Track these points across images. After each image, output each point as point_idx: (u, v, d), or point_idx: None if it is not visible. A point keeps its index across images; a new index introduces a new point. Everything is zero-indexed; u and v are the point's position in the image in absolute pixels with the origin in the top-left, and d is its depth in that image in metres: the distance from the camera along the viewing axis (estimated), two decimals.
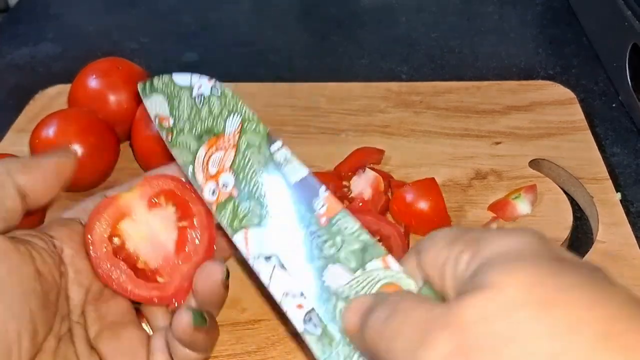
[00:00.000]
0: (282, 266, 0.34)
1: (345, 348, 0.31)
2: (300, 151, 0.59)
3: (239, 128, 0.39)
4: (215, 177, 0.39)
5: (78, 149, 0.53)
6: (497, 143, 0.60)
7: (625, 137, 0.63)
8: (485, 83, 0.68)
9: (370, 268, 0.31)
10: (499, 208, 0.52)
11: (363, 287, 0.31)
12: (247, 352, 0.44)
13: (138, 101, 0.57)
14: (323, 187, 0.35)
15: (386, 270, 0.31)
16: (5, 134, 0.63)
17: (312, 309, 0.32)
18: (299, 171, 0.36)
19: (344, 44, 0.80)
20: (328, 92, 0.67)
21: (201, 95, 0.42)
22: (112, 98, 0.58)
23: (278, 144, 0.37)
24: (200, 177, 0.39)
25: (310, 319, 0.32)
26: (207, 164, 0.40)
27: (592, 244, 0.50)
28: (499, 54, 0.76)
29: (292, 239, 0.34)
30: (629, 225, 0.51)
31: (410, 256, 0.31)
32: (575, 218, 0.53)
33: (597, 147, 0.58)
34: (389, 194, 0.53)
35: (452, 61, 0.76)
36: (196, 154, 0.40)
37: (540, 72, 0.73)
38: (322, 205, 0.34)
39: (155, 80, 0.44)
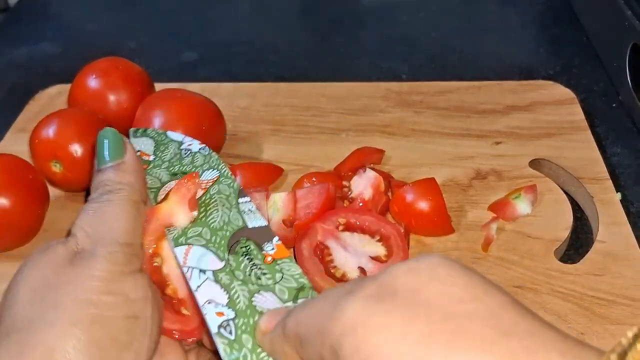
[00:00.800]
0: (215, 281, 0.35)
1: (252, 355, 0.32)
2: (300, 151, 0.60)
3: (215, 179, 0.41)
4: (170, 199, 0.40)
5: (78, 149, 0.53)
6: (498, 143, 0.59)
7: (626, 137, 0.63)
8: (486, 83, 0.68)
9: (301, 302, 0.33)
10: (499, 208, 0.52)
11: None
12: None
13: (138, 101, 0.57)
14: (276, 238, 0.36)
15: None
16: (5, 134, 0.63)
17: (232, 319, 0.33)
18: (259, 220, 0.37)
19: (344, 44, 0.80)
20: (328, 92, 0.67)
21: (188, 150, 0.44)
22: (112, 98, 0.58)
23: (246, 198, 0.39)
24: (158, 198, 0.40)
25: (227, 326, 0.33)
26: (170, 187, 0.41)
27: (592, 244, 0.50)
28: (500, 54, 0.76)
29: (233, 263, 0.36)
30: (629, 225, 0.51)
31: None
32: (575, 218, 0.53)
33: (597, 147, 0.58)
34: (389, 194, 0.53)
35: (452, 61, 0.75)
36: (165, 184, 0.42)
37: (540, 72, 0.73)
38: (272, 249, 0.36)
39: (149, 130, 0.46)
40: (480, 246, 0.50)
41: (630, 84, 0.64)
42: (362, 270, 0.45)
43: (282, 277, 0.35)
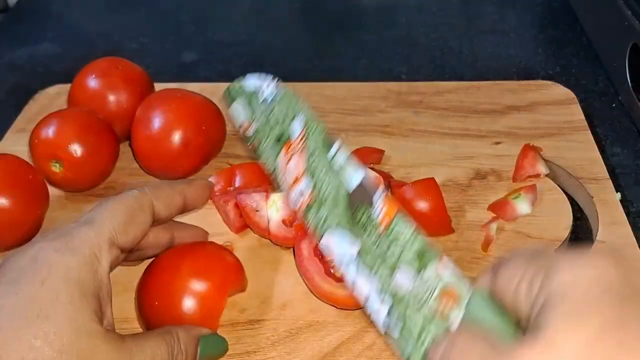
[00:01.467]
0: (362, 267, 0.36)
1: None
2: None
3: (304, 132, 0.41)
4: (295, 182, 0.42)
5: (78, 149, 0.53)
6: (497, 143, 0.60)
7: (625, 137, 0.63)
8: (485, 83, 0.68)
9: (429, 272, 0.33)
10: (499, 208, 0.52)
11: (425, 293, 0.32)
12: (247, 352, 0.44)
13: (138, 101, 0.57)
14: (378, 192, 0.36)
15: (441, 275, 0.32)
16: (5, 134, 0.63)
17: (389, 313, 0.34)
18: (356, 175, 0.38)
19: (344, 44, 0.80)
20: (328, 92, 0.67)
21: (265, 100, 0.44)
22: (112, 98, 0.58)
23: (336, 145, 0.39)
24: (284, 185, 0.42)
25: (388, 323, 0.34)
26: (286, 170, 0.42)
27: (592, 244, 0.50)
28: (499, 54, 0.76)
29: (362, 247, 0.36)
30: (629, 225, 0.51)
31: (487, 273, 0.32)
32: (575, 218, 0.53)
33: (597, 147, 0.58)
34: (389, 193, 0.53)
35: (452, 61, 0.76)
36: (276, 160, 0.43)
37: (540, 72, 0.73)
38: (381, 209, 0.36)
39: (232, 88, 0.46)
40: (480, 246, 0.50)
41: (630, 84, 0.64)
42: None
43: (403, 247, 0.34)
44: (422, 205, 0.50)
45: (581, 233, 0.53)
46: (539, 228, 0.51)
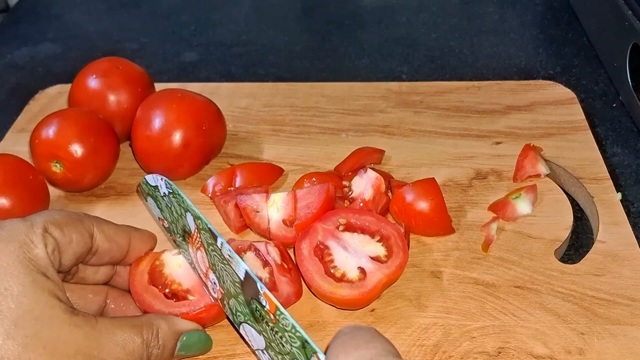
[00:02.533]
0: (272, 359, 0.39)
1: None
2: (300, 151, 0.60)
3: (196, 226, 0.42)
4: (207, 276, 0.43)
5: (78, 149, 0.53)
6: (497, 143, 0.60)
7: (626, 137, 0.63)
8: (485, 83, 0.68)
9: None
10: (499, 208, 0.52)
11: None
12: (247, 352, 0.44)
13: (138, 101, 0.57)
14: (259, 283, 0.37)
15: None
16: (5, 134, 0.63)
17: None
18: (241, 267, 0.38)
19: (344, 44, 0.80)
20: (328, 92, 0.67)
21: (165, 194, 0.45)
22: (112, 98, 0.58)
23: (219, 240, 0.40)
24: (202, 276, 0.44)
25: None
26: (198, 263, 0.44)
27: (592, 244, 0.50)
28: (499, 54, 0.76)
29: (266, 335, 0.38)
30: (629, 225, 0.51)
31: None
32: (576, 218, 0.53)
33: (597, 147, 0.58)
34: (389, 194, 0.53)
35: (452, 61, 0.76)
36: (189, 253, 0.45)
37: (540, 72, 0.73)
38: (266, 303, 0.37)
39: (142, 184, 0.47)
40: (480, 246, 0.50)
41: (630, 84, 0.64)
42: (361, 270, 0.45)
43: (289, 337, 0.36)
44: (423, 205, 0.50)
45: (581, 233, 0.53)
46: (540, 228, 0.51)
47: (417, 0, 0.88)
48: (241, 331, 0.41)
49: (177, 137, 0.54)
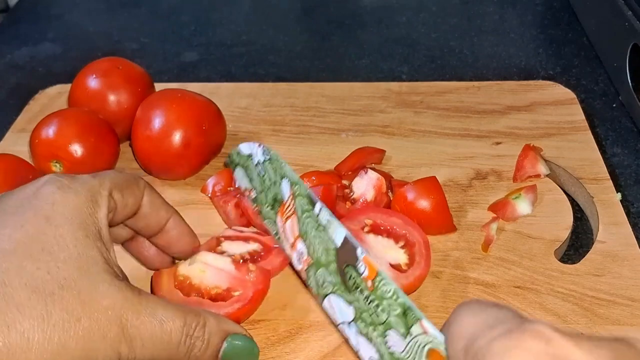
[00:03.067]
0: (360, 333, 0.37)
1: None
2: (300, 151, 0.60)
3: (291, 193, 0.42)
4: (294, 245, 0.42)
5: (78, 149, 0.53)
6: (497, 143, 0.60)
7: (626, 137, 0.63)
8: (485, 83, 0.68)
9: (414, 333, 0.33)
10: (499, 208, 0.52)
11: (415, 354, 0.32)
12: None
13: (138, 101, 0.57)
14: (359, 249, 0.37)
15: (426, 335, 0.32)
16: (5, 134, 0.63)
17: None
18: (340, 232, 0.39)
19: (344, 44, 0.80)
20: (328, 92, 0.67)
21: (259, 163, 0.45)
22: (112, 98, 0.58)
23: (318, 205, 0.40)
24: (286, 246, 0.44)
25: None
26: (286, 233, 0.43)
27: (592, 244, 0.50)
28: (499, 54, 0.76)
29: (357, 304, 0.37)
30: (629, 225, 0.51)
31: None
32: (575, 218, 0.53)
33: (597, 147, 0.58)
34: (390, 194, 0.53)
35: (452, 61, 0.76)
36: (276, 223, 0.44)
37: (540, 72, 0.73)
38: (364, 269, 0.36)
39: (233, 154, 0.48)
40: (480, 246, 0.50)
41: (630, 84, 0.64)
42: None
43: (389, 304, 0.35)
44: (424, 204, 0.50)
45: (581, 233, 0.53)
46: (539, 228, 0.51)
47: (417, 0, 0.88)
48: (325, 304, 0.39)
49: (177, 137, 0.54)
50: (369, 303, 0.36)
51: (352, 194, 0.53)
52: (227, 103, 0.64)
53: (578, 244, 0.52)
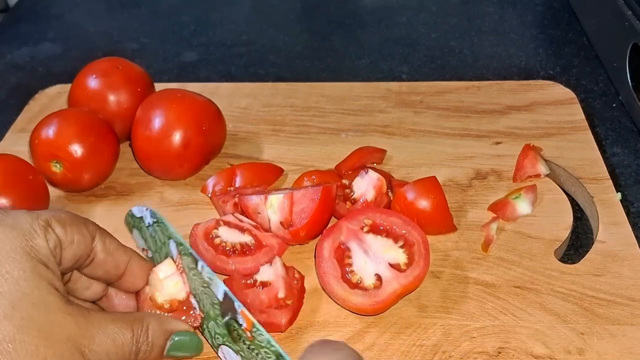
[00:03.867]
0: None
1: None
2: (300, 151, 0.60)
3: (178, 252, 0.44)
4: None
5: (78, 149, 0.53)
6: (497, 143, 0.60)
7: (626, 137, 0.63)
8: (485, 83, 0.68)
9: None
10: (499, 208, 0.52)
11: None
12: None
13: (138, 101, 0.57)
14: (237, 303, 0.40)
15: None
16: (5, 134, 0.63)
17: None
18: (220, 287, 0.41)
19: (345, 44, 0.80)
20: (328, 92, 0.67)
21: (149, 224, 0.47)
22: (112, 98, 0.58)
23: (200, 263, 0.43)
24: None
25: None
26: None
27: (592, 244, 0.50)
28: (499, 54, 0.76)
29: (243, 354, 0.40)
30: (629, 225, 0.51)
31: None
32: (575, 218, 0.53)
33: (597, 147, 0.58)
34: (390, 193, 0.53)
35: (452, 61, 0.76)
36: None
37: (540, 72, 0.73)
38: (243, 321, 0.40)
39: (127, 217, 0.49)
40: (480, 246, 0.50)
41: (630, 84, 0.64)
42: (378, 277, 0.45)
43: (265, 351, 0.38)
44: (424, 204, 0.50)
45: (581, 233, 0.53)
46: (539, 228, 0.51)
47: (417, 0, 0.88)
48: (220, 354, 0.42)
49: (177, 137, 0.54)
50: (252, 352, 0.39)
51: (352, 194, 0.53)
52: (227, 103, 0.64)
53: (578, 243, 0.52)
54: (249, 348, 0.39)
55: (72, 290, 0.42)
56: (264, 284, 0.46)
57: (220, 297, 0.41)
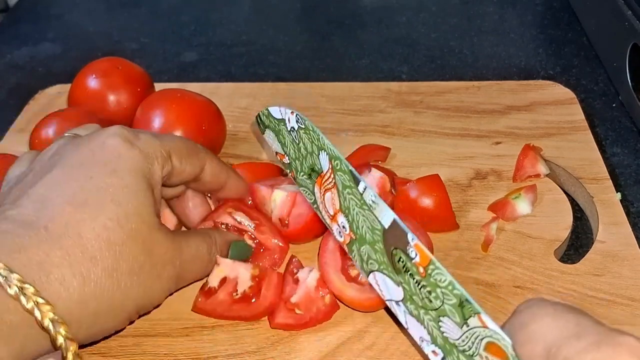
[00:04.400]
0: (410, 313, 0.36)
1: None
2: None
3: (330, 167, 0.41)
4: (334, 218, 0.42)
5: None
6: (497, 143, 0.60)
7: (626, 137, 0.63)
8: (485, 83, 0.68)
9: (471, 325, 0.32)
10: (499, 208, 0.52)
11: (472, 344, 0.32)
12: (247, 352, 0.44)
13: (138, 101, 0.57)
14: (410, 234, 0.36)
15: (485, 329, 0.32)
16: (5, 134, 0.63)
17: (444, 358, 0.34)
18: (387, 214, 0.37)
19: (344, 44, 0.80)
20: (328, 92, 0.67)
21: (293, 129, 0.45)
22: (112, 98, 0.58)
23: (362, 184, 0.39)
24: (326, 218, 0.43)
25: None
26: (325, 204, 0.43)
27: (592, 244, 0.50)
28: (499, 54, 0.76)
29: (406, 287, 0.36)
30: (629, 225, 0.51)
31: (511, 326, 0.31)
32: (575, 218, 0.53)
33: (597, 147, 0.58)
34: (393, 192, 0.53)
35: (452, 61, 0.76)
36: (314, 192, 0.43)
37: (540, 72, 0.73)
38: (416, 254, 0.35)
39: (262, 115, 0.48)
40: (480, 246, 0.50)
41: (630, 84, 0.64)
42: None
43: (443, 293, 0.34)
44: (427, 202, 0.50)
45: (581, 233, 0.53)
46: (539, 228, 0.51)
47: (417, 0, 0.88)
48: (370, 279, 0.39)
49: None
50: (421, 288, 0.35)
51: None
52: (227, 103, 0.64)
53: (578, 243, 0.52)
54: (417, 283, 0.35)
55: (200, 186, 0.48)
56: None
57: (387, 224, 0.37)
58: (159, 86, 0.62)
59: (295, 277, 0.47)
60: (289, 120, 0.45)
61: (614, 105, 0.67)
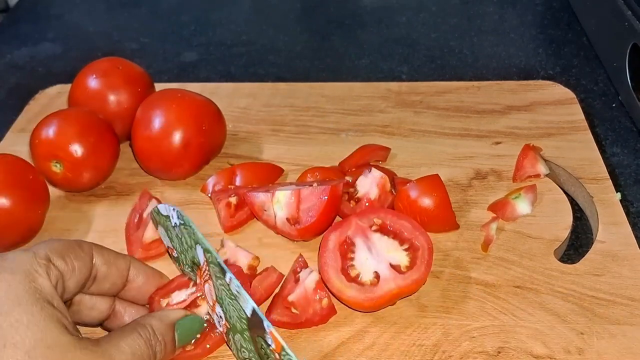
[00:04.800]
0: None
1: None
2: (300, 151, 0.60)
3: (205, 259, 0.43)
4: (213, 309, 0.43)
5: (78, 149, 0.53)
6: (497, 143, 0.60)
7: (625, 137, 0.63)
8: (485, 83, 0.68)
9: None
10: (499, 208, 0.52)
11: None
12: None
13: (138, 101, 0.57)
14: (265, 322, 0.38)
15: None
16: (5, 134, 0.63)
17: None
18: (249, 304, 0.39)
19: (344, 44, 0.80)
20: (328, 92, 0.67)
21: (176, 225, 0.45)
22: (112, 98, 0.58)
23: (228, 275, 0.40)
24: (209, 308, 0.44)
25: None
26: (205, 294, 0.44)
27: (592, 244, 0.50)
28: (499, 54, 0.76)
29: None
30: (629, 225, 0.51)
31: None
32: (575, 218, 0.53)
33: (597, 147, 0.58)
34: (393, 192, 0.53)
35: (452, 61, 0.76)
36: (197, 283, 0.45)
37: (540, 72, 0.73)
38: (271, 342, 0.38)
39: (153, 213, 0.48)
40: (480, 246, 0.50)
41: (630, 84, 0.64)
42: (376, 275, 0.45)
43: None
44: (427, 202, 0.50)
45: (581, 233, 0.53)
46: (539, 228, 0.51)
47: (417, 0, 0.88)
48: None
49: (177, 137, 0.54)
50: None
51: (356, 192, 0.53)
52: (227, 103, 0.64)
53: (578, 243, 0.52)
54: None
55: (76, 312, 0.42)
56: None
57: (249, 313, 0.39)
58: (159, 86, 0.62)
59: (297, 277, 0.47)
60: (172, 216, 0.46)
61: (613, 105, 0.67)
